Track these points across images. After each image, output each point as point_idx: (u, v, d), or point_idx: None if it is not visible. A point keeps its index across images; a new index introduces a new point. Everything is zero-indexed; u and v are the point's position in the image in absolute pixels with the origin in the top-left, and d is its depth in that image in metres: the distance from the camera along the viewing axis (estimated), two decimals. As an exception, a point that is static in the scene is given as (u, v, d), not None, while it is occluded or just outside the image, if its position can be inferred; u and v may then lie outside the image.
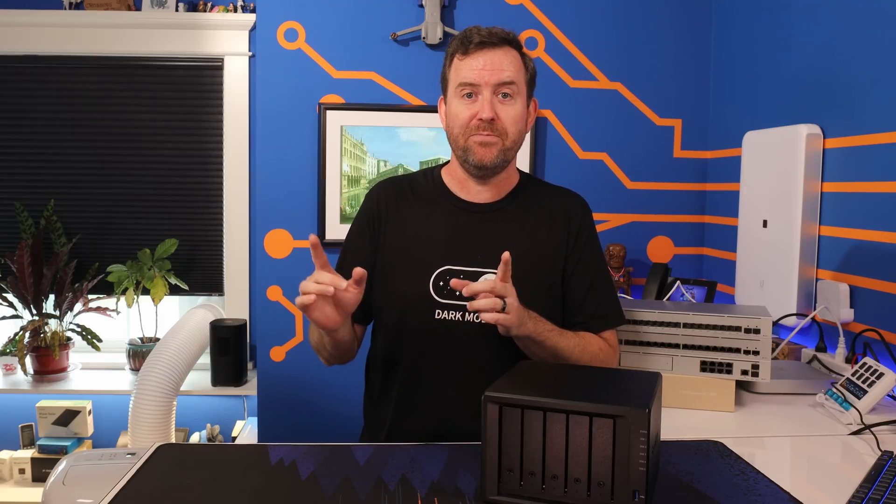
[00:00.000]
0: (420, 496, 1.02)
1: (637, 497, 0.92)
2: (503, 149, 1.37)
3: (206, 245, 3.00)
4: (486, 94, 1.35)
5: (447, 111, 1.42)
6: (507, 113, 1.36)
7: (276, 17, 2.61)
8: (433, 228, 1.43)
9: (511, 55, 1.37)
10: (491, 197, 1.44)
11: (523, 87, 1.40)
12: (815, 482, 1.20)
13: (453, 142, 1.41)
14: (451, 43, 1.41)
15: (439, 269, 1.38)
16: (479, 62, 1.35)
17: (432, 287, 1.38)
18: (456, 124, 1.38)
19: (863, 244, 1.82)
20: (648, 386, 1.02)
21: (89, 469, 2.03)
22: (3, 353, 2.80)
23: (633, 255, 2.71)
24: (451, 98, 1.40)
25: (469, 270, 1.38)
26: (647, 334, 1.56)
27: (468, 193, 1.45)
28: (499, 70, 1.35)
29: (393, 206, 1.46)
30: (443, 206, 1.45)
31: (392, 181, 1.52)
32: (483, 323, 1.32)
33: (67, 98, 2.93)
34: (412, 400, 1.41)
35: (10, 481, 2.76)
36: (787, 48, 2.18)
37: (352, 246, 1.48)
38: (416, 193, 1.48)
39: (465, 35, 1.37)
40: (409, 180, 1.51)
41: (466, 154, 1.38)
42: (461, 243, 1.40)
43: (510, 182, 1.47)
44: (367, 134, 2.64)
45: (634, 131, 2.70)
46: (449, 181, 1.47)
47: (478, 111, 1.35)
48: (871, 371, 1.47)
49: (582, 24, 2.66)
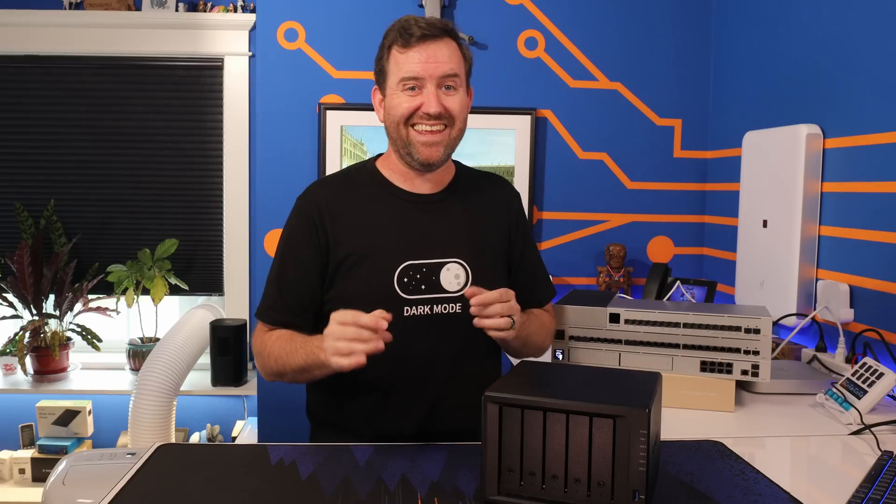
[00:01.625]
0: (420, 496, 1.02)
1: (637, 497, 0.92)
2: (450, 142, 1.37)
3: (206, 245, 3.00)
4: (430, 87, 1.32)
5: (386, 103, 1.38)
6: (453, 102, 1.34)
7: (276, 17, 2.61)
8: (385, 224, 1.39)
9: (451, 47, 1.35)
10: (434, 187, 1.43)
11: (464, 79, 1.38)
12: (815, 482, 1.20)
13: (394, 134, 1.37)
14: (388, 34, 1.36)
15: (402, 265, 1.36)
16: (423, 55, 1.31)
17: (397, 284, 1.35)
18: (398, 116, 1.34)
19: (863, 244, 1.82)
20: (648, 386, 1.02)
21: (89, 469, 2.03)
22: (3, 353, 2.80)
23: (633, 255, 2.71)
24: (391, 91, 1.35)
25: (431, 262, 1.37)
26: (647, 334, 1.56)
27: (412, 185, 1.42)
28: (443, 62, 1.32)
29: (335, 206, 1.39)
30: (389, 199, 1.41)
31: (325, 181, 1.47)
32: (450, 313, 1.36)
33: (67, 98, 2.93)
34: (391, 402, 1.38)
35: (10, 481, 2.76)
36: (787, 48, 2.18)
37: (293, 255, 1.40)
38: (357, 190, 1.42)
39: (404, 27, 1.33)
40: (344, 177, 1.46)
41: (410, 149, 1.35)
42: (417, 236, 1.39)
43: (449, 172, 1.46)
44: (367, 134, 2.64)
45: (634, 131, 2.70)
46: (389, 174, 1.43)
47: (421, 103, 1.32)
48: (871, 371, 1.47)
49: (582, 24, 2.66)
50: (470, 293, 1.23)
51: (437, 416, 1.37)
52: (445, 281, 1.37)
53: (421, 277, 1.36)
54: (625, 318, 1.56)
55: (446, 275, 1.37)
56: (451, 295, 1.37)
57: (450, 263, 1.38)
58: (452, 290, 1.37)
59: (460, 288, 1.37)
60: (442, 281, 1.37)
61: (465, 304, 1.36)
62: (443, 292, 1.37)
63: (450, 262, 1.38)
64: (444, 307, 1.37)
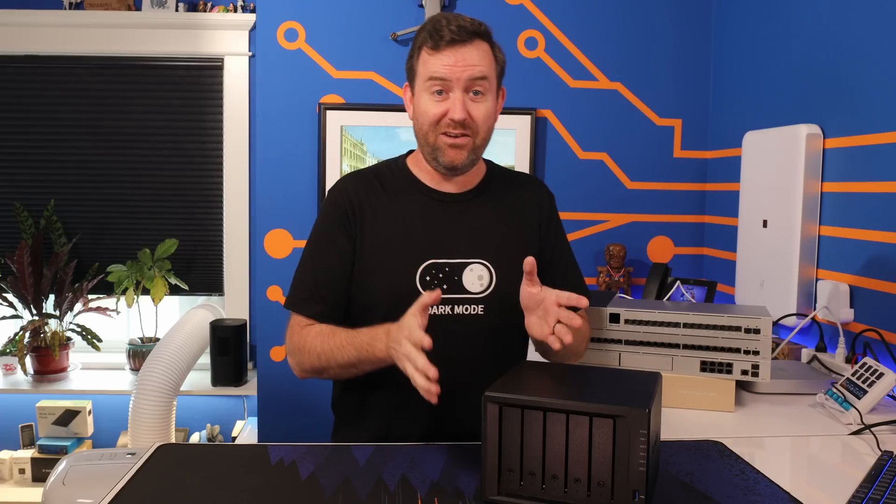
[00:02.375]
0: (420, 496, 1.02)
1: (637, 497, 0.92)
2: (473, 148, 1.36)
3: (206, 245, 3.01)
4: (457, 92, 1.31)
5: (415, 104, 1.38)
6: (478, 111, 1.34)
7: (276, 17, 2.61)
8: (411, 221, 1.39)
9: (482, 49, 1.34)
10: (462, 187, 1.43)
11: (494, 82, 1.37)
12: (815, 482, 1.20)
13: (422, 137, 1.37)
14: (420, 33, 1.36)
15: (425, 264, 1.36)
16: (451, 59, 1.31)
17: (419, 282, 1.35)
18: (425, 121, 1.34)
19: (863, 244, 1.82)
20: (648, 386, 1.02)
21: (89, 469, 2.03)
22: (3, 353, 2.80)
23: (633, 255, 2.71)
24: (419, 91, 1.36)
25: (455, 262, 1.36)
26: (647, 334, 1.56)
27: (440, 184, 1.42)
28: (471, 66, 1.31)
29: (365, 200, 1.40)
30: (416, 197, 1.42)
31: (357, 175, 1.47)
32: (472, 314, 1.34)
33: (67, 98, 2.93)
34: (406, 398, 1.36)
35: (10, 481, 2.76)
36: (787, 48, 2.18)
37: (324, 246, 1.40)
38: (386, 186, 1.43)
39: (435, 28, 1.32)
40: (375, 173, 1.47)
41: (436, 153, 1.35)
42: (442, 235, 1.38)
43: (479, 171, 1.46)
44: (367, 134, 2.64)
45: (634, 131, 2.70)
46: (418, 172, 1.44)
47: (448, 109, 1.32)
48: (871, 371, 1.47)
49: (582, 24, 2.66)
50: (530, 267, 1.19)
51: (455, 416, 1.34)
52: (468, 281, 1.36)
53: (443, 277, 1.35)
54: (625, 318, 1.56)
55: (469, 275, 1.36)
56: (474, 296, 1.36)
57: (473, 264, 1.37)
58: (475, 292, 1.36)
59: (483, 289, 1.36)
60: (464, 281, 1.36)
61: (487, 306, 1.36)
62: (465, 293, 1.36)
63: (474, 263, 1.37)
64: (466, 308, 1.36)
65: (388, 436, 1.35)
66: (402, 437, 1.33)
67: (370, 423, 1.41)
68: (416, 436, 1.34)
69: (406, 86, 1.43)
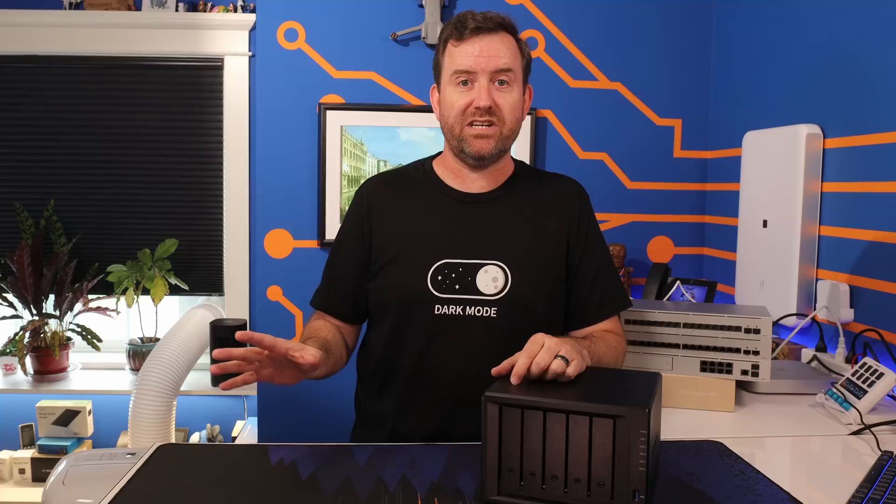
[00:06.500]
0: (420, 496, 1.02)
1: (637, 497, 0.92)
2: (501, 138, 1.35)
3: (206, 245, 3.00)
4: (482, 81, 1.31)
5: (441, 99, 1.38)
6: (504, 100, 1.33)
7: (276, 17, 2.61)
8: (428, 221, 1.39)
9: (507, 41, 1.34)
10: (487, 186, 1.41)
11: (520, 74, 1.37)
12: (815, 482, 1.20)
13: (448, 131, 1.37)
14: (445, 28, 1.36)
15: (437, 263, 1.35)
16: (475, 48, 1.31)
17: (430, 282, 1.34)
18: (451, 113, 1.34)
19: (863, 244, 1.82)
20: (648, 386, 1.02)
21: (89, 469, 2.03)
22: (3, 353, 2.80)
23: (633, 255, 2.71)
24: (444, 86, 1.36)
25: (468, 263, 1.35)
26: (647, 334, 1.56)
27: (463, 183, 1.42)
28: (495, 56, 1.31)
29: (384, 202, 1.42)
30: (437, 197, 1.42)
31: (381, 177, 1.50)
32: (484, 316, 1.33)
33: (67, 98, 2.93)
34: (415, 398, 1.39)
35: (10, 481, 2.76)
36: (787, 48, 2.18)
37: (341, 246, 1.46)
38: (408, 187, 1.44)
39: (460, 20, 1.33)
40: (400, 174, 1.49)
41: (462, 144, 1.35)
42: (459, 235, 1.37)
43: (506, 171, 1.44)
44: (367, 134, 2.64)
45: (634, 131, 2.70)
46: (442, 172, 1.44)
47: (474, 99, 1.31)
48: (871, 371, 1.47)
49: (582, 24, 2.66)
50: (496, 373, 1.08)
51: (465, 417, 1.32)
52: (482, 283, 1.34)
53: (456, 277, 1.34)
54: (625, 318, 1.56)
55: (483, 276, 1.34)
56: (487, 298, 1.34)
57: (488, 265, 1.34)
58: (489, 293, 1.34)
59: (497, 291, 1.34)
60: (478, 282, 1.34)
61: (500, 309, 1.33)
62: (478, 294, 1.34)
63: (489, 265, 1.34)
64: (478, 310, 1.33)
65: (402, 435, 1.37)
66: (416, 436, 1.34)
67: (385, 421, 1.42)
68: (428, 435, 1.35)
69: (433, 88, 1.43)
